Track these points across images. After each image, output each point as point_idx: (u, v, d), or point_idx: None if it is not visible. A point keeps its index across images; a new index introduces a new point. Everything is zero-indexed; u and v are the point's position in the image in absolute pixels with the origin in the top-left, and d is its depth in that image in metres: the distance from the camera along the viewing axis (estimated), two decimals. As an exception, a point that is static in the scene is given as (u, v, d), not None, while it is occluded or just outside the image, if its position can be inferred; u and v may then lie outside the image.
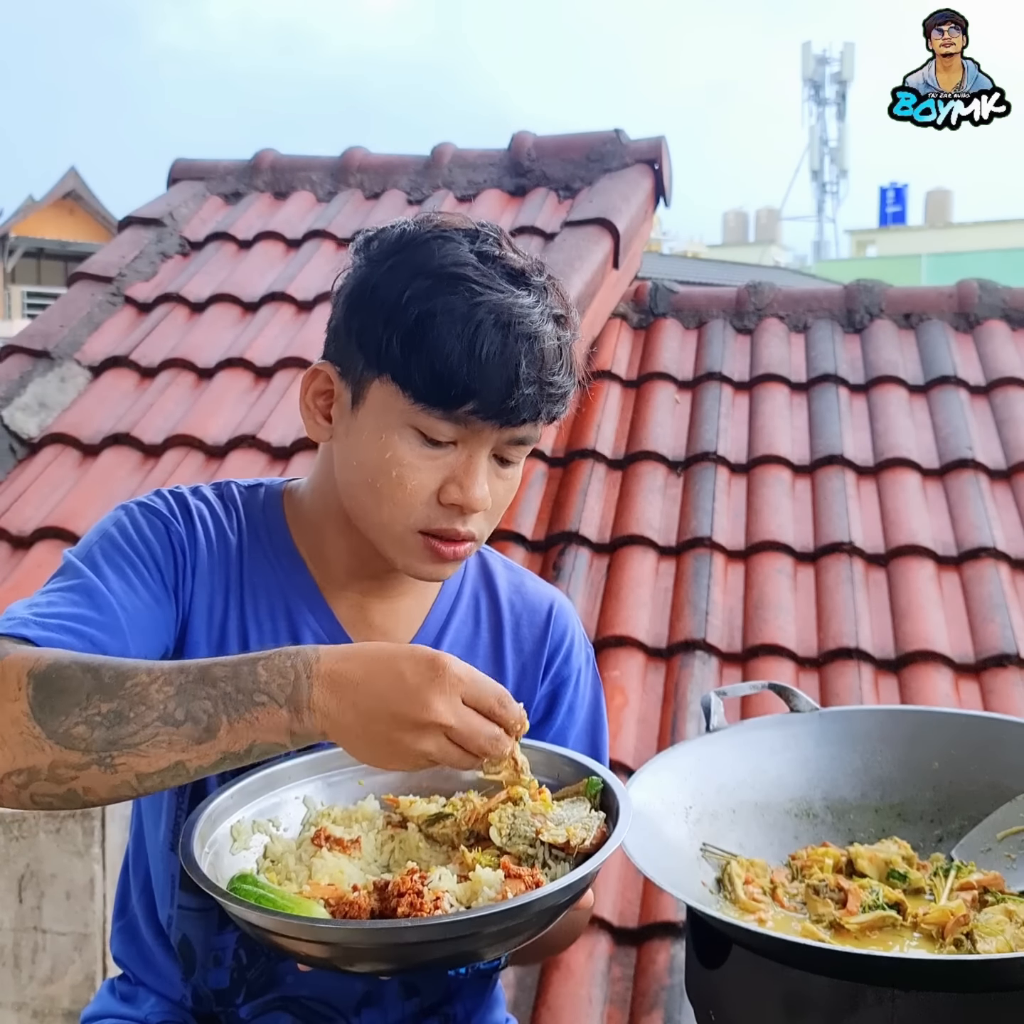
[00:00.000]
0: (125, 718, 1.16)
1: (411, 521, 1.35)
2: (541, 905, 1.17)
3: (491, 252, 1.34)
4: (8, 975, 2.78)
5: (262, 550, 1.45)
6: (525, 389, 1.30)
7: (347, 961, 1.18)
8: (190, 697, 1.17)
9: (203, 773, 1.19)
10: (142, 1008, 1.51)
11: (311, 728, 1.18)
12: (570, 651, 1.55)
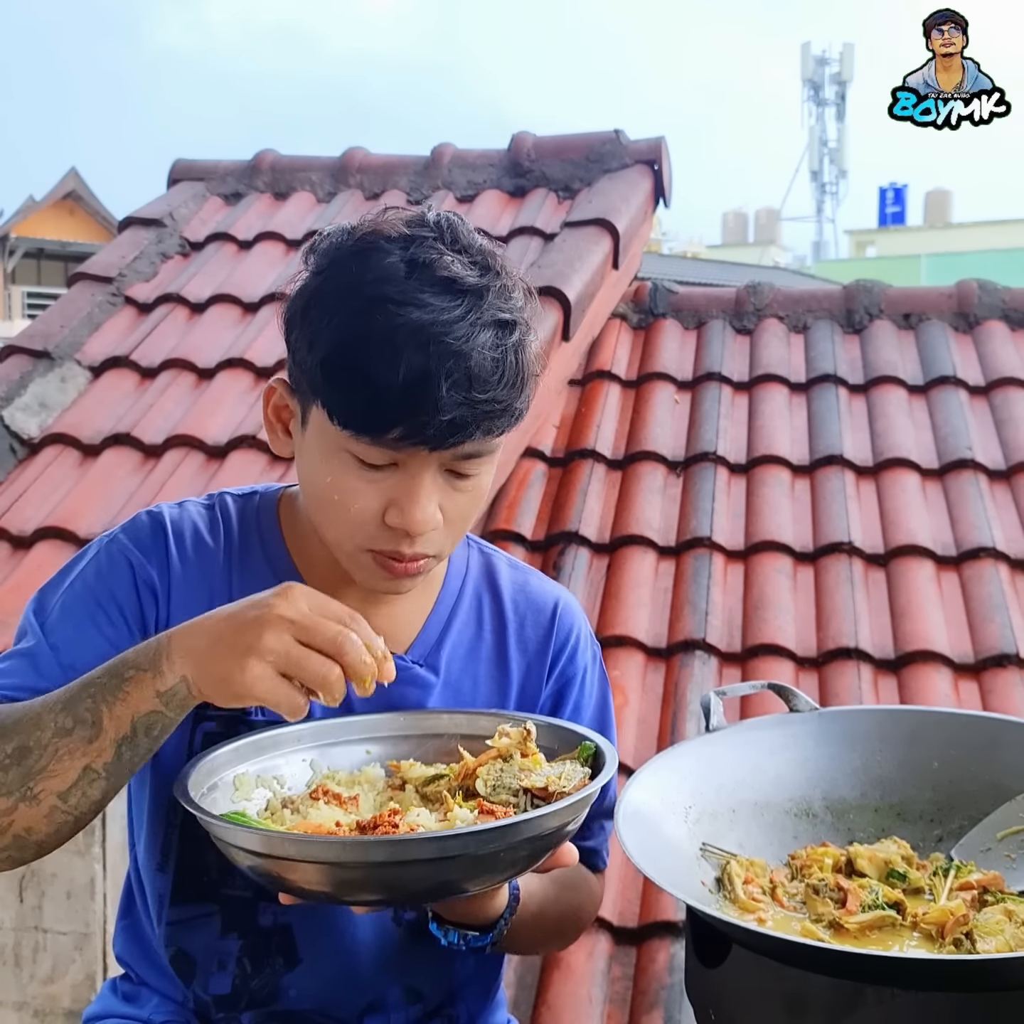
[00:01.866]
0: (27, 749, 1.21)
1: (357, 541, 1.33)
2: (509, 834, 1.17)
3: (422, 258, 1.27)
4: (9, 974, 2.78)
5: (255, 559, 1.44)
6: (448, 413, 1.23)
7: (322, 882, 1.18)
8: (74, 703, 1.22)
9: (117, 771, 1.22)
10: (145, 1008, 1.50)
11: (171, 678, 1.19)
12: (575, 649, 1.55)
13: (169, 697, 1.20)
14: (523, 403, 1.32)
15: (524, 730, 1.34)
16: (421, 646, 1.47)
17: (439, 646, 1.48)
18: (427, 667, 1.46)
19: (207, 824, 1.22)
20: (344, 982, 1.45)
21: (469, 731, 1.42)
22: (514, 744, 1.33)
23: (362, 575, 1.38)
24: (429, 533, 1.32)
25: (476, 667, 1.49)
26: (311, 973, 1.44)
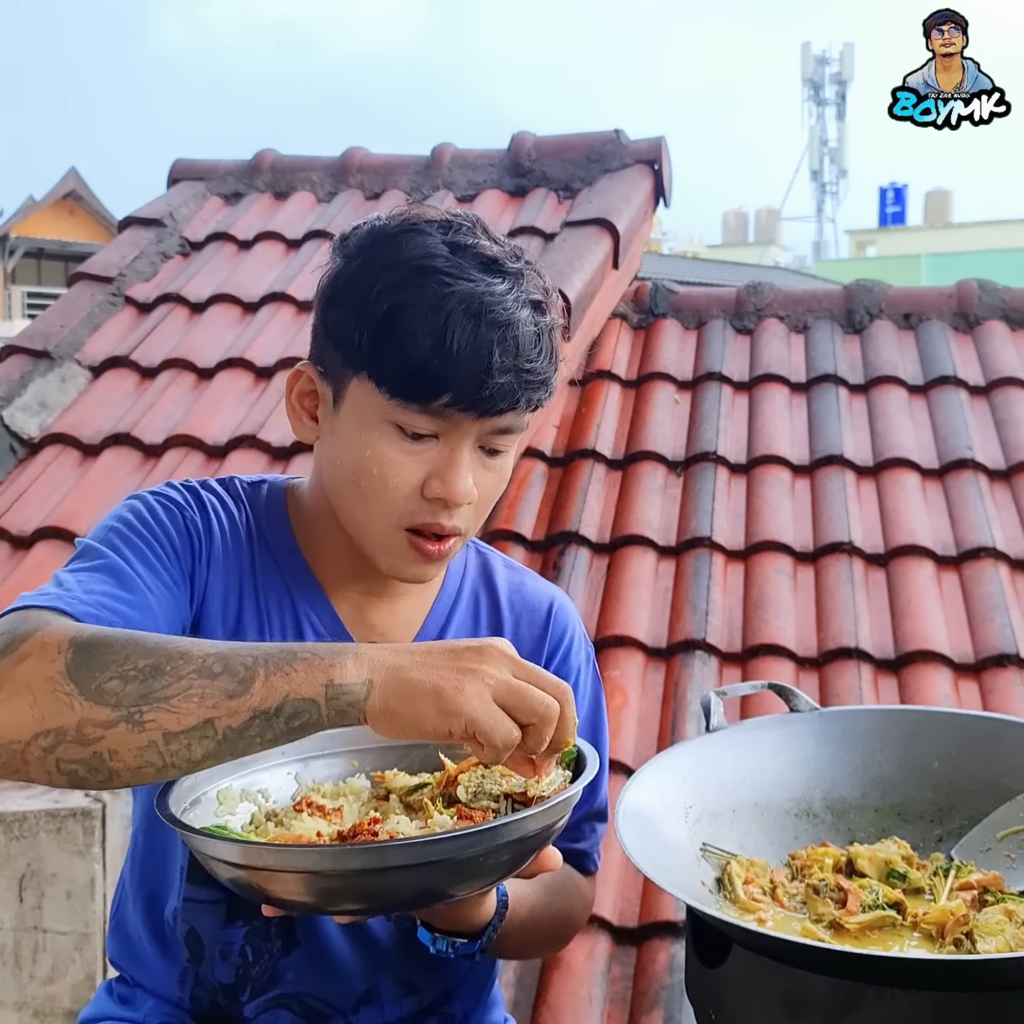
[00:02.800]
0: (161, 671, 1.12)
1: (395, 518, 1.34)
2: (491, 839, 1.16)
3: (463, 241, 1.33)
4: (8, 975, 2.78)
5: (266, 547, 1.45)
6: (500, 378, 1.29)
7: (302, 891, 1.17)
8: (231, 654, 1.14)
9: (233, 739, 1.13)
10: (140, 1010, 1.50)
11: (355, 675, 1.11)
12: (569, 650, 1.55)
13: (338, 692, 1.11)
14: (555, 380, 1.37)
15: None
16: (421, 640, 1.48)
17: None
18: None
19: (186, 838, 1.21)
20: (339, 968, 1.45)
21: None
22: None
23: (390, 559, 1.38)
24: (463, 508, 1.35)
25: None
26: (308, 957, 1.45)
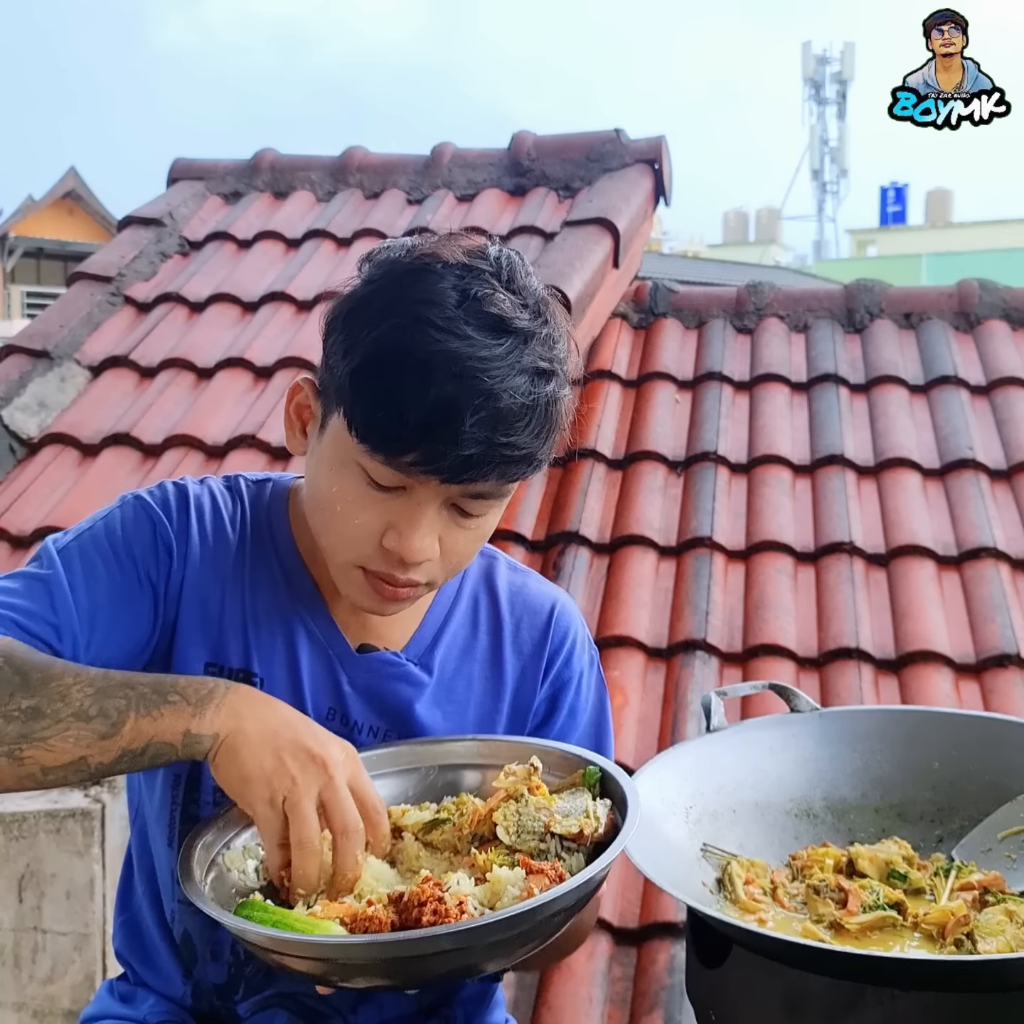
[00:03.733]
0: (42, 713, 1.20)
1: (353, 557, 1.33)
2: (576, 895, 1.16)
3: (475, 291, 1.24)
4: (8, 975, 2.78)
5: (265, 546, 1.45)
6: (468, 449, 1.21)
7: (379, 976, 1.15)
8: (107, 696, 1.22)
9: (103, 771, 1.23)
10: (141, 1008, 1.50)
11: (209, 726, 1.21)
12: (571, 653, 1.53)
13: (192, 740, 1.22)
14: (544, 454, 1.30)
15: (531, 766, 1.31)
16: (416, 645, 1.47)
17: (434, 646, 1.48)
18: (420, 666, 1.46)
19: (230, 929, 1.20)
20: None
21: (447, 760, 1.40)
22: (520, 781, 1.30)
23: (348, 589, 1.38)
24: (422, 564, 1.32)
25: (470, 667, 1.49)
26: None
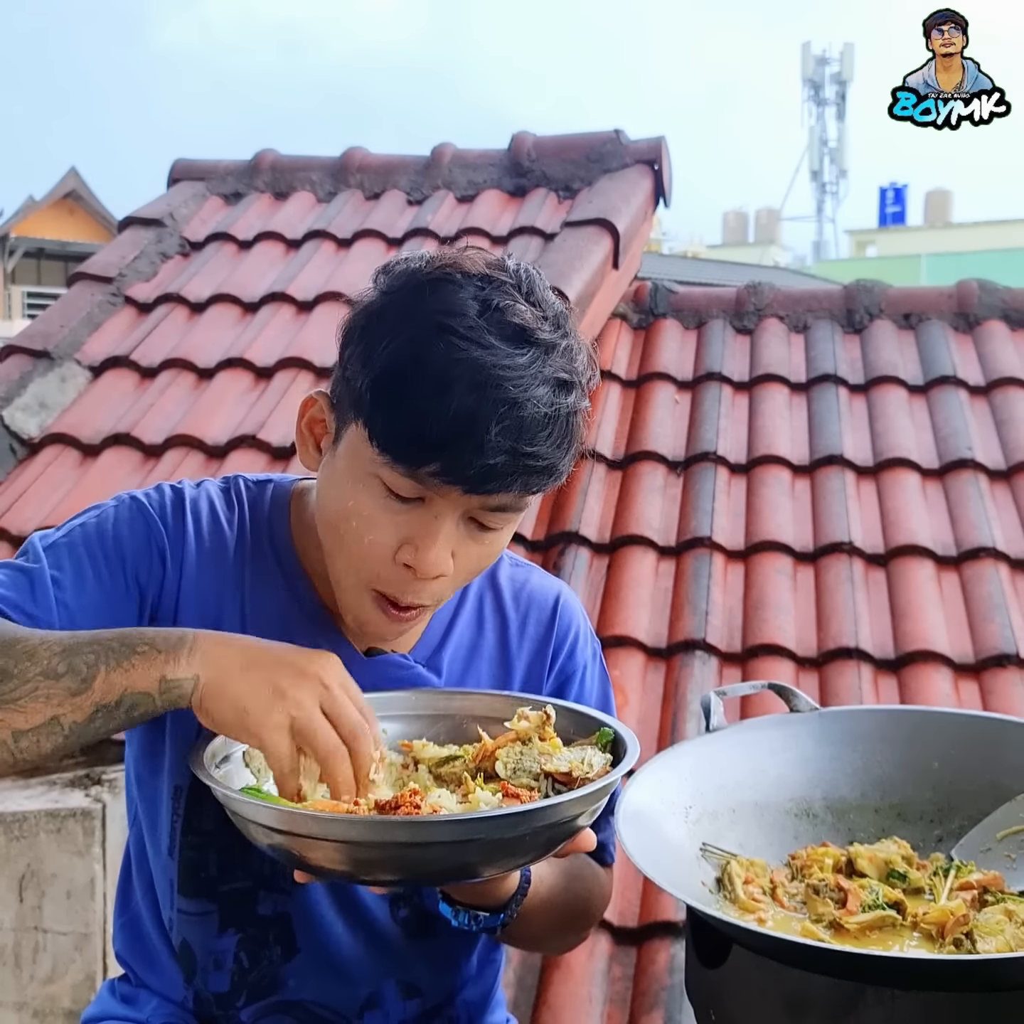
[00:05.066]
0: (8, 674, 1.18)
1: (363, 576, 1.31)
2: (537, 818, 1.17)
3: (496, 302, 1.24)
4: (9, 975, 2.78)
5: (264, 549, 1.44)
6: (493, 458, 1.21)
7: (340, 862, 1.17)
8: (75, 653, 1.20)
9: (78, 732, 1.19)
10: (143, 1010, 1.50)
11: (184, 671, 1.18)
12: (575, 646, 1.54)
13: (169, 686, 1.19)
14: (565, 466, 1.29)
15: (544, 714, 1.33)
16: (424, 647, 1.47)
17: (442, 647, 1.48)
18: (429, 667, 1.47)
19: (225, 799, 1.20)
20: (341, 973, 1.45)
21: (482, 712, 1.41)
22: (533, 728, 1.32)
23: (355, 613, 1.36)
24: (435, 581, 1.30)
25: (478, 666, 1.49)
26: (309, 963, 1.44)
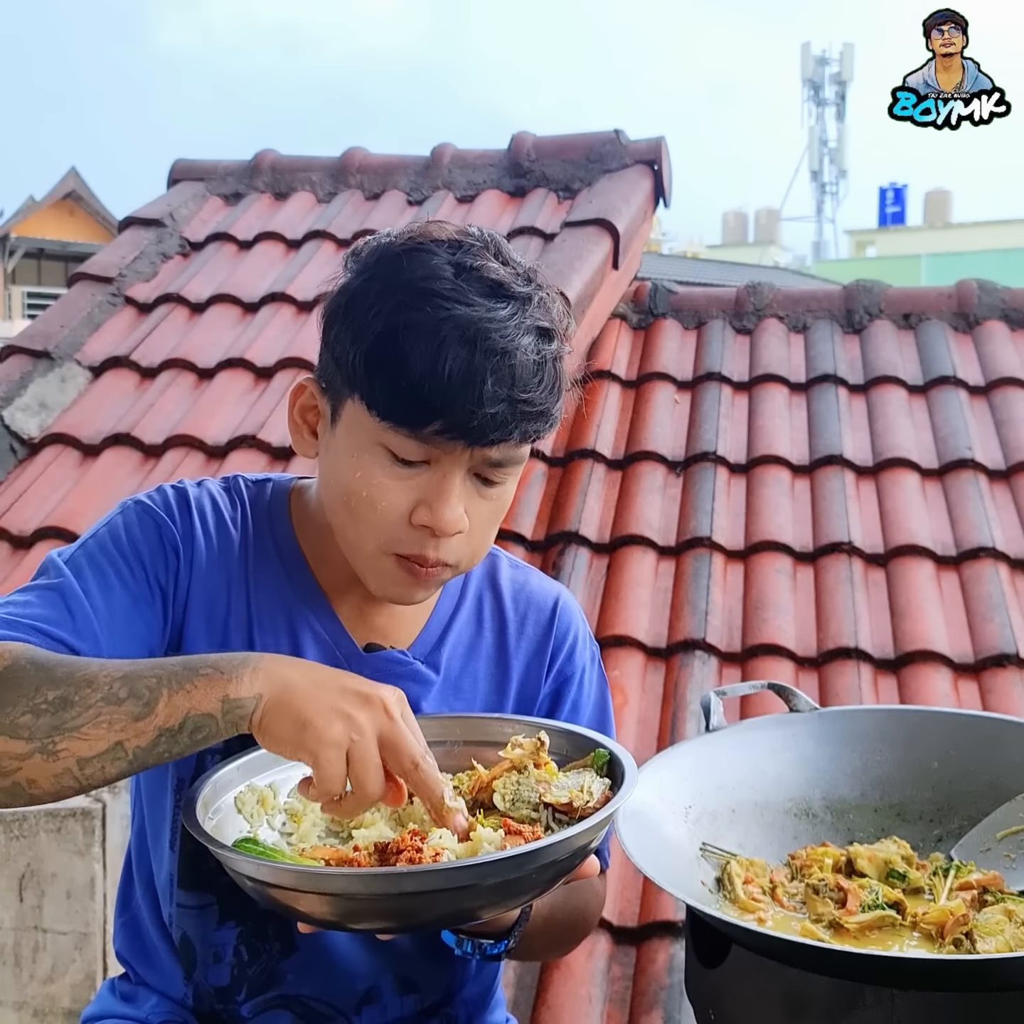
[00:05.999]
0: (70, 702, 1.17)
1: (382, 542, 1.33)
2: (542, 858, 1.15)
3: (469, 263, 1.29)
4: (8, 974, 2.78)
5: (267, 547, 1.45)
6: (492, 407, 1.25)
7: (346, 915, 1.15)
8: (136, 678, 1.19)
9: (143, 757, 1.18)
10: (143, 1008, 1.50)
11: (247, 689, 1.17)
12: (573, 648, 1.55)
13: (232, 706, 1.18)
14: (558, 411, 1.33)
15: (538, 740, 1.32)
16: (423, 644, 1.48)
17: (440, 644, 1.48)
18: (428, 664, 1.47)
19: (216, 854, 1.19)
20: (339, 968, 1.45)
21: (473, 737, 1.40)
22: (527, 755, 1.31)
23: (378, 580, 1.37)
24: (452, 538, 1.33)
25: (476, 665, 1.50)
26: (308, 958, 1.44)
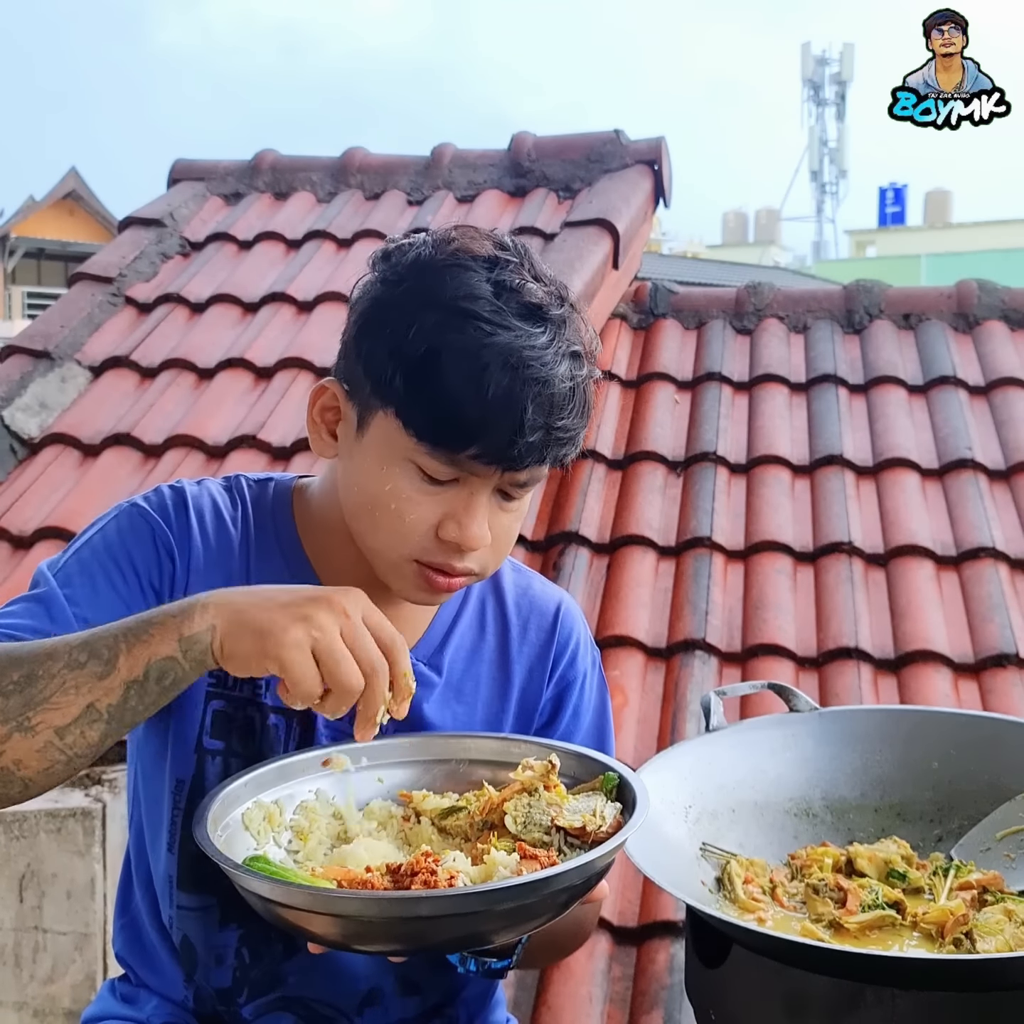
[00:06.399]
0: (35, 676, 1.18)
1: (407, 551, 1.34)
2: (558, 883, 1.15)
3: (509, 282, 1.29)
4: (9, 974, 2.79)
5: (270, 546, 1.44)
6: (531, 436, 1.27)
7: (358, 937, 1.15)
8: (95, 640, 1.20)
9: (118, 715, 1.19)
10: (144, 1009, 1.50)
11: (199, 624, 1.18)
12: (575, 654, 1.54)
13: (190, 644, 1.18)
14: (583, 433, 1.37)
15: (548, 763, 1.32)
16: (425, 646, 1.48)
17: (443, 647, 1.48)
18: (430, 667, 1.47)
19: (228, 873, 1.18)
20: (343, 971, 1.45)
21: (478, 755, 1.40)
22: (538, 777, 1.31)
23: (401, 584, 1.38)
24: (477, 552, 1.34)
25: (478, 668, 1.50)
26: (311, 960, 1.44)
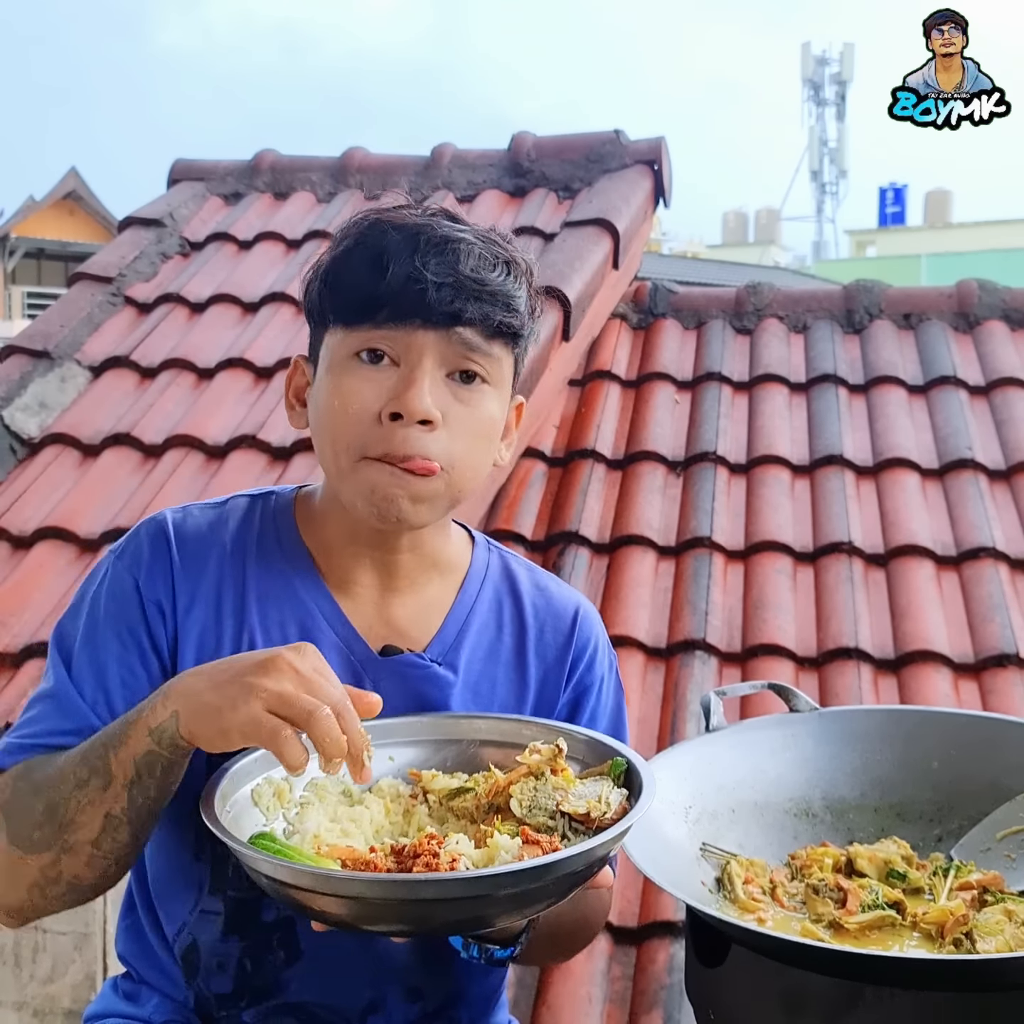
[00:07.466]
0: (54, 803, 1.28)
1: (354, 448, 1.34)
2: (558, 870, 1.15)
3: (431, 208, 1.39)
4: (9, 974, 2.78)
5: (271, 552, 1.44)
6: (437, 278, 1.31)
7: (362, 917, 1.16)
8: (88, 754, 1.28)
9: (135, 814, 1.27)
10: (145, 1007, 1.50)
11: (163, 713, 1.22)
12: (593, 658, 1.53)
13: (159, 734, 1.23)
14: (524, 306, 1.39)
15: (556, 747, 1.32)
16: (439, 645, 1.46)
17: (458, 646, 1.47)
18: (446, 666, 1.46)
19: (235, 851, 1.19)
20: (345, 977, 1.44)
21: (489, 736, 1.40)
22: (545, 761, 1.31)
23: (363, 496, 1.35)
24: (428, 434, 1.33)
25: (495, 669, 1.49)
26: (312, 966, 1.43)
